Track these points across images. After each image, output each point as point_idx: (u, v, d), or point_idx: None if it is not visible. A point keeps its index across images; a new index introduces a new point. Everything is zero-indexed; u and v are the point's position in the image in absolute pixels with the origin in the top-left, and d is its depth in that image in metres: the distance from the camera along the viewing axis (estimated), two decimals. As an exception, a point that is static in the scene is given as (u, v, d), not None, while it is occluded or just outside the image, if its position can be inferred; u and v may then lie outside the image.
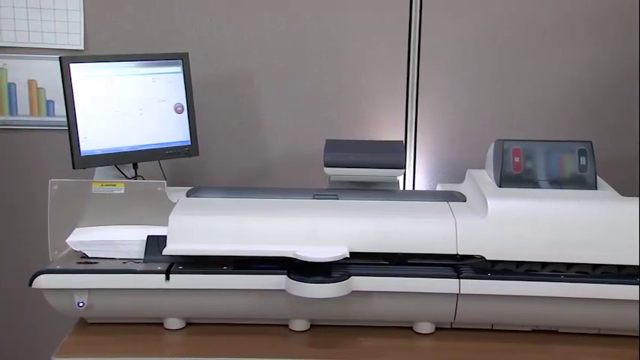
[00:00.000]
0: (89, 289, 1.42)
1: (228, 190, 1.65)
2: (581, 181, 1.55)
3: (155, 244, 1.48)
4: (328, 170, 1.63)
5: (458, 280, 1.40)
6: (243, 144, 2.04)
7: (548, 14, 1.97)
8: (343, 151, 1.64)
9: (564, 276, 1.41)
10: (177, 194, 1.59)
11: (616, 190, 1.53)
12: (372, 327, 1.48)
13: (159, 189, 1.56)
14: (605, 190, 1.54)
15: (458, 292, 1.41)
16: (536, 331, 1.47)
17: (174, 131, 1.72)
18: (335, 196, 1.59)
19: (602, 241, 1.41)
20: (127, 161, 1.67)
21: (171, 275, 1.41)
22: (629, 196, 1.49)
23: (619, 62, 1.98)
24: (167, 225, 1.45)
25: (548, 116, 2.01)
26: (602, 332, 1.46)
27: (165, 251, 1.43)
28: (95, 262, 1.47)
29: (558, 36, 1.98)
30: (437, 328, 1.47)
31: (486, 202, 1.47)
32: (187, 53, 1.73)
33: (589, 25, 1.97)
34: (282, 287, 1.40)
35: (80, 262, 1.47)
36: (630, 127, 1.99)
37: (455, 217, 1.47)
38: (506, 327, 1.48)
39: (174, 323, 1.47)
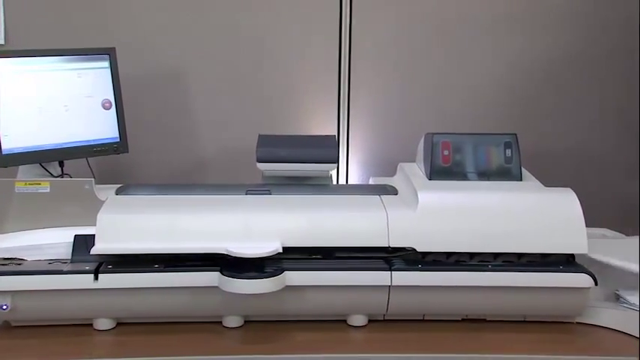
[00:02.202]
0: (13, 292, 1.37)
1: (159, 187, 1.62)
2: (507, 173, 1.59)
3: (83, 243, 1.44)
4: (261, 166, 1.62)
5: (390, 272, 1.42)
6: (175, 140, 2.02)
7: (477, 11, 2.02)
8: (276, 147, 1.64)
9: (491, 266, 1.45)
10: (106, 192, 1.55)
11: (539, 181, 1.58)
12: (306, 321, 1.49)
13: (86, 187, 1.52)
14: (529, 181, 1.59)
15: (390, 284, 1.42)
16: (466, 320, 1.51)
17: (102, 128, 1.68)
18: (268, 192, 1.58)
19: (526, 230, 1.45)
20: (52, 159, 1.62)
21: (99, 275, 1.38)
22: (552, 186, 1.54)
23: (543, 58, 2.04)
24: (95, 224, 1.42)
25: (477, 110, 2.06)
26: (527, 319, 1.50)
27: (94, 250, 1.40)
28: (19, 263, 1.42)
29: (486, 32, 2.03)
30: (370, 320, 1.49)
31: (417, 195, 1.49)
32: (114, 48, 1.69)
33: (515, 21, 2.03)
34: (215, 284, 1.39)
35: (3, 264, 1.42)
36: (552, 120, 2.06)
37: (386, 210, 1.48)
38: (437, 317, 1.50)
39: (103, 324, 1.44)
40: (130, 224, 1.43)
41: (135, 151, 1.79)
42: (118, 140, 1.70)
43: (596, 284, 1.42)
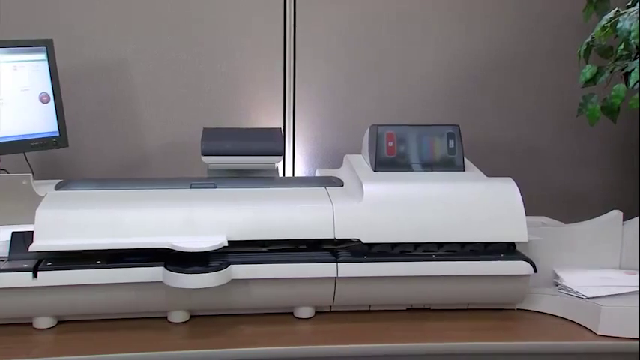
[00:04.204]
0: (-54, 292, 1.33)
1: (101, 182, 1.59)
2: (450, 164, 1.62)
3: (21, 240, 1.40)
4: (206, 159, 1.61)
5: (335, 263, 1.43)
6: (117, 134, 1.98)
7: (421, 4, 2.04)
8: (220, 140, 1.62)
9: (435, 255, 1.47)
10: (46, 188, 1.51)
11: (482, 171, 1.61)
12: (252, 314, 1.48)
13: (24, 183, 1.48)
14: (472, 171, 1.62)
15: (336, 276, 1.43)
16: (411, 310, 1.53)
17: (41, 122, 1.64)
18: (213, 185, 1.57)
19: (469, 220, 1.48)
20: (-12, 154, 1.57)
21: (39, 272, 1.34)
22: (494, 176, 1.57)
23: (485, 51, 2.08)
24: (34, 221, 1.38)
25: (422, 102, 2.08)
26: (470, 307, 1.53)
27: (32, 247, 1.36)
28: (-47, 262, 1.38)
29: (430, 25, 2.05)
30: (316, 312, 1.49)
31: (362, 187, 1.50)
32: (52, 40, 1.64)
33: (458, 14, 2.06)
34: (160, 279, 1.37)
35: (-64, 263, 1.37)
36: (494, 111, 2.10)
37: (332, 202, 1.49)
38: (382, 307, 1.52)
39: (43, 322, 1.40)
40: (70, 220, 1.40)
41: (75, 145, 1.75)
42: (57, 134, 1.66)
43: (535, 271, 1.46)
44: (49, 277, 1.35)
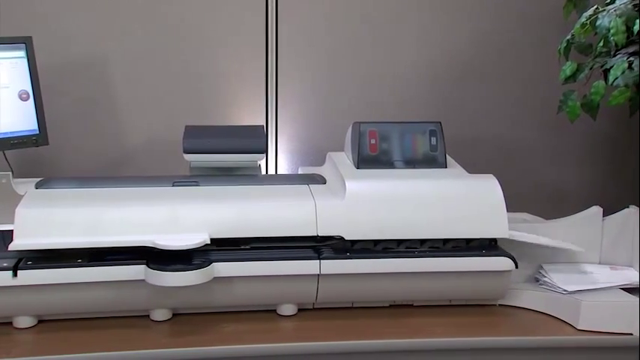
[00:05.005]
0: None
1: (82, 180, 1.57)
2: (432, 161, 1.63)
3: (0, 239, 1.39)
4: (188, 157, 1.60)
5: (318, 261, 1.43)
6: (99, 132, 1.96)
7: (402, 1, 2.04)
8: (203, 137, 1.62)
9: (418, 252, 1.48)
10: (25, 186, 1.50)
11: (463, 168, 1.62)
12: (235, 312, 1.48)
13: (3, 181, 1.47)
14: (453, 168, 1.63)
15: (319, 273, 1.43)
16: (394, 306, 1.53)
17: (20, 119, 1.62)
18: (195, 183, 1.56)
19: (451, 216, 1.49)
20: (-35, 152, 1.55)
21: (19, 271, 1.33)
22: (476, 173, 1.58)
23: (467, 47, 2.09)
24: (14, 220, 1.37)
25: (404, 98, 2.09)
26: (453, 303, 1.54)
27: (12, 246, 1.35)
28: None
29: (412, 21, 2.05)
30: (299, 309, 1.49)
31: (345, 184, 1.51)
32: (31, 37, 1.62)
33: (440, 10, 2.06)
34: (142, 277, 1.36)
35: None
36: (475, 108, 2.11)
37: (315, 199, 1.49)
38: (365, 304, 1.53)
39: (24, 321, 1.39)
40: (50, 218, 1.39)
41: (56, 143, 1.73)
42: (37, 132, 1.64)
43: (516, 267, 1.47)
44: (29, 277, 1.34)
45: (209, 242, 1.40)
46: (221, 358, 1.36)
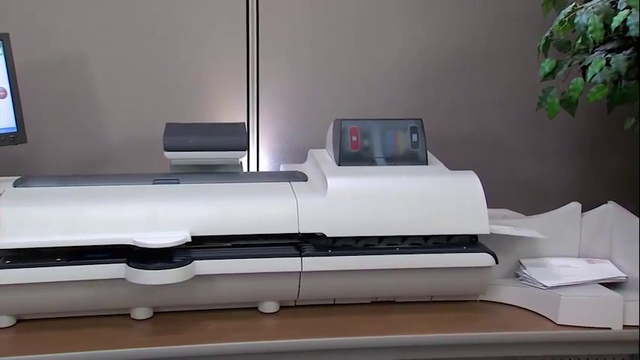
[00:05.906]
0: None
1: (61, 178, 1.56)
2: (413, 157, 1.63)
3: (-23, 238, 1.37)
4: (169, 154, 1.59)
5: (300, 258, 1.43)
6: (79, 130, 1.94)
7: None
8: (183, 135, 1.61)
9: (399, 248, 1.48)
10: (3, 185, 1.48)
11: (444, 165, 1.63)
12: (217, 310, 1.48)
13: (-19, 179, 1.45)
14: (434, 164, 1.63)
15: (300, 270, 1.43)
16: (375, 303, 1.54)
17: (-3, 117, 1.60)
18: (176, 181, 1.55)
19: (432, 213, 1.49)
20: (-58, 151, 1.53)
21: (-4, 271, 1.32)
22: (456, 169, 1.59)
23: (447, 44, 2.10)
24: (-9, 218, 1.35)
25: (385, 96, 2.09)
26: (434, 299, 1.55)
27: (-11, 246, 1.33)
28: None
29: (393, 19, 2.06)
30: (281, 307, 1.49)
31: (326, 181, 1.51)
32: (8, 34, 1.60)
33: (421, 8, 2.07)
34: (122, 276, 1.35)
35: None
36: (455, 105, 2.12)
37: (296, 196, 1.49)
38: (347, 301, 1.53)
39: (2, 321, 1.38)
40: (28, 217, 1.37)
41: (34, 141, 1.71)
42: (15, 130, 1.62)
43: (496, 262, 1.48)
44: (7, 276, 1.33)
45: (190, 240, 1.39)
46: (203, 356, 1.35)
